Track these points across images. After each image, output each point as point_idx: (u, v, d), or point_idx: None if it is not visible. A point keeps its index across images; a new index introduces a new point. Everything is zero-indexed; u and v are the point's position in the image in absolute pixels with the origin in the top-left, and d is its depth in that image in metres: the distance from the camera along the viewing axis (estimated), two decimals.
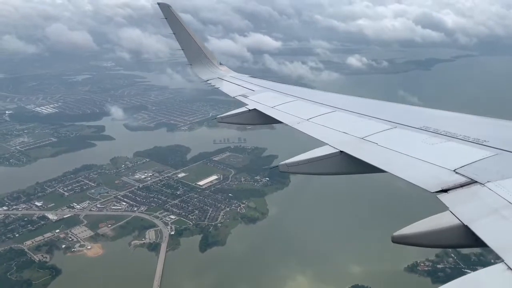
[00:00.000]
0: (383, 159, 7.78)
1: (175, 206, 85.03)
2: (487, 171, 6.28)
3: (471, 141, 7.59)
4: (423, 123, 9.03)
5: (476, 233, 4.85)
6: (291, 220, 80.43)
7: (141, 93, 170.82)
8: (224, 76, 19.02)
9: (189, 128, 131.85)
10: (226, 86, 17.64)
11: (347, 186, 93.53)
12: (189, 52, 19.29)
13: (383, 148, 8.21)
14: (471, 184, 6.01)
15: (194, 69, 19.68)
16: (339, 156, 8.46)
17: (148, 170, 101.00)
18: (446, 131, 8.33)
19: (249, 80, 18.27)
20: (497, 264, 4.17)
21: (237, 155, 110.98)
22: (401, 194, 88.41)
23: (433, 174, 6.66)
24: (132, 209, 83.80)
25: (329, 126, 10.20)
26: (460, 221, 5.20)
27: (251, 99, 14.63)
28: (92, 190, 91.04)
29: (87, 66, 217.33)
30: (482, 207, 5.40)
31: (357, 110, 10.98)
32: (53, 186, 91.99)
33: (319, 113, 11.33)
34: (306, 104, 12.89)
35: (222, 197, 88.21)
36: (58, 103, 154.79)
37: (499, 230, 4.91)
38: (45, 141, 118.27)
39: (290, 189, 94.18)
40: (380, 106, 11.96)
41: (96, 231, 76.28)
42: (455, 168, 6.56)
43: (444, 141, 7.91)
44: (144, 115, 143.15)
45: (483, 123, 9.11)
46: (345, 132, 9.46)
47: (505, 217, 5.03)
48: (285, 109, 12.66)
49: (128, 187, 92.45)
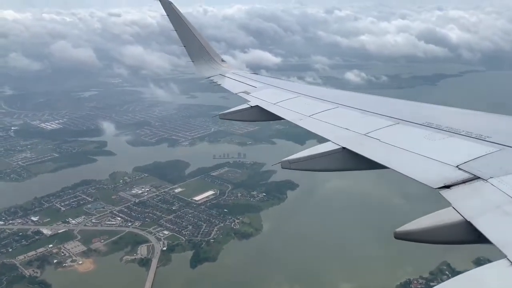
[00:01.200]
0: (385, 155, 7.79)
1: (169, 221, 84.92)
2: (490, 167, 6.26)
3: (474, 137, 7.54)
4: (426, 119, 9.02)
5: (479, 229, 4.83)
6: (284, 236, 79.61)
7: (145, 109, 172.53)
8: (226, 73, 19.18)
9: (190, 143, 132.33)
10: (228, 82, 17.83)
11: (345, 199, 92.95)
12: (191, 49, 19.58)
13: (385, 144, 8.22)
14: (474, 180, 6.00)
15: (196, 66, 19.94)
16: (341, 152, 8.48)
17: (146, 185, 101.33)
18: (448, 127, 8.31)
19: (251, 76, 18.50)
20: (500, 260, 4.15)
21: (235, 170, 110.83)
22: (402, 200, 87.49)
23: (435, 170, 6.64)
24: (127, 225, 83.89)
25: (331, 122, 10.26)
26: (462, 217, 5.19)
27: (253, 96, 14.78)
28: (88, 205, 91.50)
29: (95, 82, 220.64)
30: (485, 203, 5.39)
31: (359, 106, 11.02)
32: (50, 201, 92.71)
33: (321, 110, 11.40)
34: (308, 100, 12.98)
35: (217, 213, 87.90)
36: (63, 119, 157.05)
37: (502, 226, 4.90)
38: (47, 157, 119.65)
39: (287, 204, 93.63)
40: (382, 102, 12.00)
41: (89, 246, 76.44)
42: (458, 164, 6.54)
43: (447, 137, 7.89)
44: (146, 130, 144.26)
45: (486, 118, 9.17)
46: (347, 128, 9.51)
47: (508, 213, 5.02)
48: (287, 105, 12.78)
49: (125, 202, 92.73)
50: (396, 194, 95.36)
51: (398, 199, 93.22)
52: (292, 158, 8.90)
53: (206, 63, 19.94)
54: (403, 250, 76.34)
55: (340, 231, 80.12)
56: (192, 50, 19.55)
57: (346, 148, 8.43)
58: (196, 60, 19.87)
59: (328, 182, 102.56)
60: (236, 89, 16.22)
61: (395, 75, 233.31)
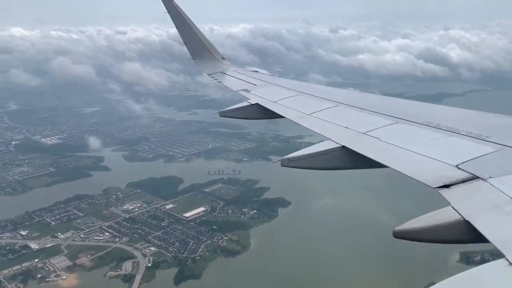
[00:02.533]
0: (385, 154, 7.81)
1: (157, 237, 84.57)
2: (489, 167, 6.26)
3: (474, 137, 7.56)
4: (425, 118, 9.02)
5: (478, 228, 4.84)
6: (271, 254, 78.76)
7: (146, 125, 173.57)
8: (226, 71, 19.25)
9: (186, 160, 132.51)
10: (228, 80, 17.89)
11: (337, 218, 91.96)
12: (192, 46, 19.62)
13: (385, 143, 8.23)
14: (473, 179, 6.01)
15: (197, 63, 19.97)
16: (341, 151, 8.51)
17: (138, 201, 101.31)
18: (448, 126, 8.31)
19: (252, 74, 18.55)
20: (499, 259, 4.15)
21: (229, 186, 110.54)
22: (393, 218, 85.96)
23: (435, 169, 6.65)
24: (114, 240, 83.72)
25: (331, 121, 10.29)
26: (461, 216, 5.19)
27: (253, 94, 14.80)
28: (79, 220, 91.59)
29: (98, 98, 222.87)
30: (484, 202, 5.39)
31: (359, 105, 11.05)
32: (41, 215, 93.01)
33: (322, 108, 11.43)
34: (309, 98, 13.02)
35: (205, 229, 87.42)
36: (63, 134, 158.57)
37: (500, 225, 4.90)
38: (43, 171, 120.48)
39: (277, 222, 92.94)
40: (382, 101, 12.08)
41: (75, 261, 76.27)
42: (457, 164, 6.55)
43: (446, 137, 7.90)
44: (144, 146, 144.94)
45: (485, 118, 9.10)
46: (347, 127, 9.53)
47: (507, 213, 5.03)
48: (288, 103, 12.79)
49: (115, 218, 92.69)
50: (389, 212, 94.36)
51: (390, 217, 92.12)
52: (292, 156, 8.92)
53: (206, 60, 20.06)
54: (393, 269, 75.30)
55: (329, 250, 79.09)
56: (192, 48, 19.63)
57: (346, 146, 8.45)
58: (197, 58, 19.95)
59: (321, 200, 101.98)
60: (236, 87, 16.31)
61: (398, 93, 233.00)
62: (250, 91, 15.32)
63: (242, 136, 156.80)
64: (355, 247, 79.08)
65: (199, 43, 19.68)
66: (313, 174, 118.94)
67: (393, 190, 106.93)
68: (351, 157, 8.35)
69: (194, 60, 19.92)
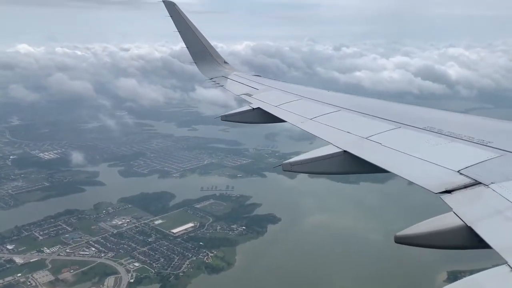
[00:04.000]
0: (386, 159, 7.80)
1: (142, 253, 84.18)
2: (491, 172, 6.23)
3: (476, 142, 7.52)
4: (427, 123, 8.99)
5: (480, 234, 4.82)
6: (256, 271, 77.97)
7: (144, 141, 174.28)
8: (228, 75, 19.31)
9: (180, 175, 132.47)
10: (230, 84, 17.92)
11: (327, 235, 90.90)
12: (194, 50, 19.80)
13: (386, 148, 8.21)
14: (475, 185, 5.98)
15: (199, 67, 20.06)
16: (343, 155, 8.50)
17: (128, 216, 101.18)
18: (450, 132, 8.28)
19: (254, 79, 18.58)
20: (500, 265, 4.12)
21: (220, 202, 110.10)
22: (382, 236, 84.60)
23: (437, 174, 6.64)
24: (99, 255, 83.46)
25: (333, 125, 10.28)
26: (463, 222, 5.17)
27: (255, 98, 14.78)
28: (66, 235, 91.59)
29: (101, 114, 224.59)
30: (486, 208, 5.36)
31: (361, 110, 11.04)
32: (30, 229, 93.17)
33: (323, 113, 11.44)
34: (310, 103, 13.01)
35: (192, 246, 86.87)
36: (62, 149, 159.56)
37: (502, 231, 4.88)
38: (38, 186, 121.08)
39: (265, 238, 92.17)
40: (384, 106, 12.10)
41: (57, 276, 76.04)
42: (459, 169, 6.53)
43: (448, 142, 7.87)
44: (140, 162, 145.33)
45: (487, 124, 9.09)
46: (349, 132, 9.53)
47: (509, 219, 5.01)
48: (289, 108, 12.81)
49: (103, 233, 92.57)
50: (380, 230, 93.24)
51: (380, 235, 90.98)
52: (294, 161, 8.86)
53: (208, 64, 20.14)
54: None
55: (316, 269, 78.10)
56: (194, 52, 19.75)
57: (348, 151, 8.43)
58: (199, 62, 20.02)
59: (311, 217, 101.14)
60: (238, 91, 16.33)
61: None
62: (252, 95, 15.31)
63: (239, 152, 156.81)
64: (338, 265, 78.09)
65: (201, 47, 19.84)
66: (308, 190, 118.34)
67: (386, 207, 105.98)
68: (353, 162, 8.32)
69: (196, 64, 20.06)
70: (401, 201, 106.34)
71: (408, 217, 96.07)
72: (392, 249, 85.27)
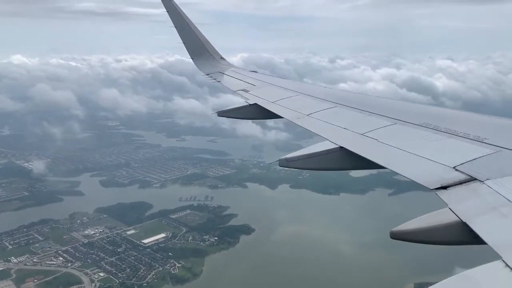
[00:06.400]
0: (382, 155, 7.78)
1: (109, 263, 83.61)
2: (487, 169, 6.22)
3: (471, 138, 7.50)
4: (424, 120, 8.96)
5: (475, 230, 4.80)
6: (221, 282, 77.24)
7: (131, 151, 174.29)
8: (225, 70, 19.30)
9: (161, 186, 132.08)
10: (227, 80, 17.88)
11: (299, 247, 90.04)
12: (191, 45, 19.85)
13: (383, 144, 8.19)
14: (471, 181, 5.98)
15: (195, 63, 20.12)
16: (339, 151, 8.47)
17: (101, 226, 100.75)
18: (446, 128, 8.26)
19: (250, 74, 18.53)
20: (495, 261, 4.10)
21: (196, 213, 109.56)
22: (357, 249, 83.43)
23: (432, 170, 6.62)
24: (66, 265, 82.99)
25: (330, 121, 10.25)
26: (459, 218, 5.16)
27: (252, 94, 14.73)
28: (36, 244, 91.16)
29: (93, 125, 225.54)
30: (481, 204, 5.34)
31: (358, 106, 11.00)
32: (1, 239, 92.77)
33: (320, 109, 11.38)
34: (307, 99, 12.95)
35: (160, 256, 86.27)
36: (47, 159, 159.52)
37: (497, 227, 4.85)
38: (17, 195, 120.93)
39: (236, 249, 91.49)
40: (380, 102, 12.08)
41: (20, 286, 75.51)
42: (455, 165, 6.52)
43: (445, 138, 7.85)
44: (123, 172, 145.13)
45: (483, 121, 9.07)
46: (346, 128, 9.50)
47: (504, 215, 4.98)
48: (286, 104, 12.74)
49: (73, 243, 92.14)
50: (351, 241, 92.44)
51: (349, 247, 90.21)
52: (290, 157, 8.79)
53: (205, 60, 20.19)
54: None
55: (280, 280, 77.32)
56: (191, 47, 19.82)
57: (344, 147, 8.40)
58: (196, 57, 20.07)
59: (284, 228, 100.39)
60: (235, 87, 16.23)
61: None
62: (248, 91, 15.24)
63: (223, 162, 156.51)
64: (303, 276, 77.21)
65: (198, 43, 19.92)
66: (287, 201, 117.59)
67: (361, 218, 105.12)
68: (349, 158, 8.29)
69: (193, 60, 20.10)
70: (377, 213, 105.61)
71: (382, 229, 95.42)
72: (360, 260, 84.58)
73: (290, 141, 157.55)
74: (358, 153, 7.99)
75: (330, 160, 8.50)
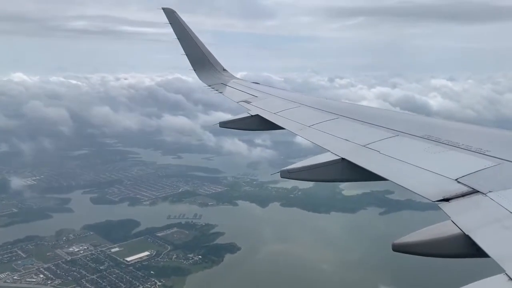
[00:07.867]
0: (384, 167, 7.75)
1: (90, 281, 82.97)
2: (489, 181, 6.17)
3: (473, 151, 7.44)
4: (425, 131, 8.92)
5: (477, 242, 4.76)
6: None
7: (125, 168, 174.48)
8: (227, 82, 19.38)
9: (151, 203, 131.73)
10: (229, 91, 17.95)
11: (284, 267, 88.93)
12: (193, 57, 19.91)
13: (384, 156, 8.16)
14: (473, 193, 5.92)
15: (197, 74, 20.15)
16: (341, 163, 8.43)
17: (86, 243, 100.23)
18: (448, 140, 8.22)
19: (252, 86, 18.61)
20: (498, 274, 4.03)
21: (183, 231, 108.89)
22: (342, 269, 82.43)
23: (434, 183, 6.57)
24: (46, 283, 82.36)
25: (331, 133, 10.25)
26: (461, 230, 5.10)
27: (253, 105, 14.74)
28: (19, 261, 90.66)
29: (91, 142, 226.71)
30: (484, 216, 5.29)
31: (360, 118, 11.00)
32: None
33: (322, 120, 11.42)
34: (309, 110, 12.98)
35: (142, 274, 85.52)
36: (40, 176, 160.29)
37: (500, 240, 4.79)
38: (5, 212, 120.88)
39: (220, 268, 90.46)
40: (382, 114, 12.09)
41: None
42: (457, 177, 6.46)
43: (446, 150, 7.80)
44: (115, 189, 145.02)
45: (485, 133, 9.07)
46: (347, 139, 9.47)
47: (506, 227, 4.92)
48: (288, 115, 12.78)
49: (56, 260, 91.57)
50: (335, 260, 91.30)
51: (332, 265, 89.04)
52: (292, 168, 8.79)
53: (207, 71, 20.25)
54: None
55: None
56: (193, 59, 19.90)
57: (346, 159, 8.36)
58: (198, 69, 20.14)
59: (270, 246, 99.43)
60: (237, 98, 16.30)
61: None
62: (250, 102, 15.27)
63: (216, 180, 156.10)
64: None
65: (200, 54, 19.98)
66: (276, 220, 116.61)
67: (348, 238, 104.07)
68: (351, 169, 8.23)
69: (195, 71, 20.18)
70: (365, 232, 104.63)
71: (368, 248, 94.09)
72: (342, 279, 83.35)
73: (287, 159, 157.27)
74: (360, 164, 7.93)
75: (332, 172, 8.47)
